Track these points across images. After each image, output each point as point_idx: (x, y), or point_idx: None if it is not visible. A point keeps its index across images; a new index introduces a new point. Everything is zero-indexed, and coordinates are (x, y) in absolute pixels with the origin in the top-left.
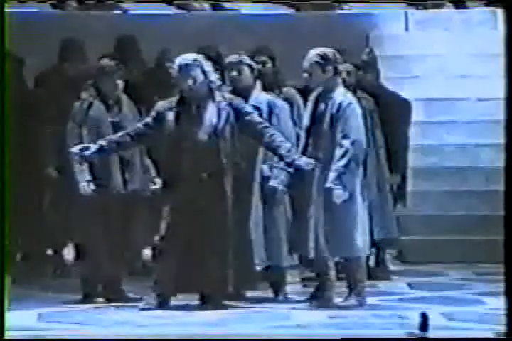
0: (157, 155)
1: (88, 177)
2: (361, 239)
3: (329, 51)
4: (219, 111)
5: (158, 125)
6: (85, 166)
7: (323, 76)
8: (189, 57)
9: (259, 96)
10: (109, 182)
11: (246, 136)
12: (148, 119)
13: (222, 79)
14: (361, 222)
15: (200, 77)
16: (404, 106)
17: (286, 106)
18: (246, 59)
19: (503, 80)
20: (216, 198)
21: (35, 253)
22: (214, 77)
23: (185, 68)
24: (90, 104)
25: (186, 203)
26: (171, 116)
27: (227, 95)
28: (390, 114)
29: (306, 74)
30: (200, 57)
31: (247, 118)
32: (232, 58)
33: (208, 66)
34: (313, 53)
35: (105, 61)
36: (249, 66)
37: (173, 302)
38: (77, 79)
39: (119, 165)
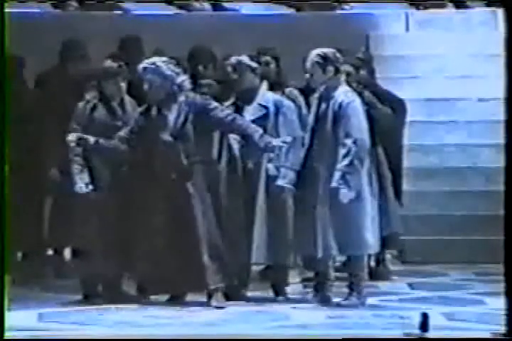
0: None
1: (86, 180)
2: (372, 236)
3: (330, 51)
4: (179, 112)
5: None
6: (85, 168)
7: (324, 76)
8: (149, 61)
9: (266, 95)
10: (107, 185)
11: (220, 131)
12: (133, 123)
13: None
14: (371, 219)
15: (157, 81)
16: (399, 105)
17: (292, 105)
18: (245, 60)
19: (503, 80)
20: (183, 198)
21: (35, 253)
22: (180, 80)
23: (142, 72)
24: (94, 106)
25: (160, 204)
26: (141, 119)
27: (191, 95)
28: None
29: (307, 75)
30: (160, 61)
31: (212, 113)
32: (232, 60)
33: (169, 69)
34: (313, 54)
35: (109, 63)
36: (249, 66)
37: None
38: (78, 80)
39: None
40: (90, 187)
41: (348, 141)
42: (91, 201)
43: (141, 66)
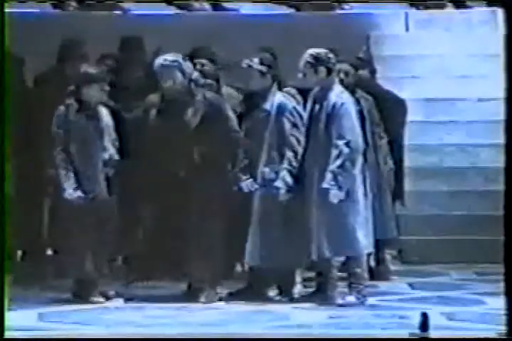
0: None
1: (74, 185)
2: (364, 238)
3: (322, 51)
4: (196, 110)
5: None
6: (71, 173)
7: (316, 76)
8: (168, 58)
9: (274, 98)
10: (94, 188)
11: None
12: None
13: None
14: (364, 220)
15: (179, 78)
16: (399, 105)
17: (297, 107)
18: (255, 63)
19: (503, 80)
20: (191, 196)
21: (35, 253)
22: (195, 75)
23: (165, 69)
24: (74, 110)
25: (168, 201)
26: (153, 113)
27: (209, 94)
28: (384, 113)
29: (300, 74)
30: (179, 58)
31: (226, 123)
32: (243, 63)
33: (187, 65)
34: (307, 53)
35: (89, 68)
36: (258, 70)
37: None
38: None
39: (103, 170)
40: (79, 192)
41: (340, 143)
42: (83, 204)
43: (162, 63)
